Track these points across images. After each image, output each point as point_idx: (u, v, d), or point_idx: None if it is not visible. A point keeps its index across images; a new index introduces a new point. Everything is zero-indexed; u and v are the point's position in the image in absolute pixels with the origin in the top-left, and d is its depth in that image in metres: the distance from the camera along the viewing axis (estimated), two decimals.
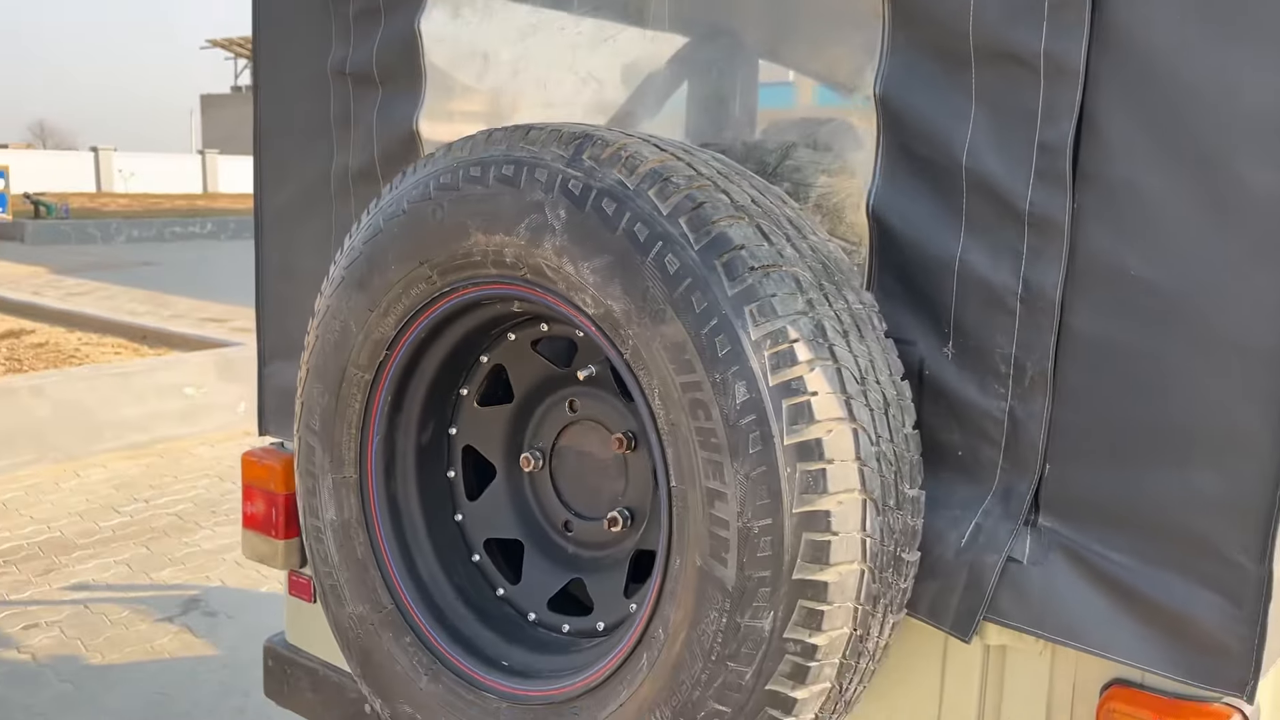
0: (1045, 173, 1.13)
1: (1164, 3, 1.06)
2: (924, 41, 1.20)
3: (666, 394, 1.08)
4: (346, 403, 1.38)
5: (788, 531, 1.03)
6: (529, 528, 1.42)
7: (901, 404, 1.14)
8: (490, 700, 1.27)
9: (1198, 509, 1.08)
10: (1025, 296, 1.16)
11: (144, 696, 3.26)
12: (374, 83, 1.75)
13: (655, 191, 1.09)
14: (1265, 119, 1.01)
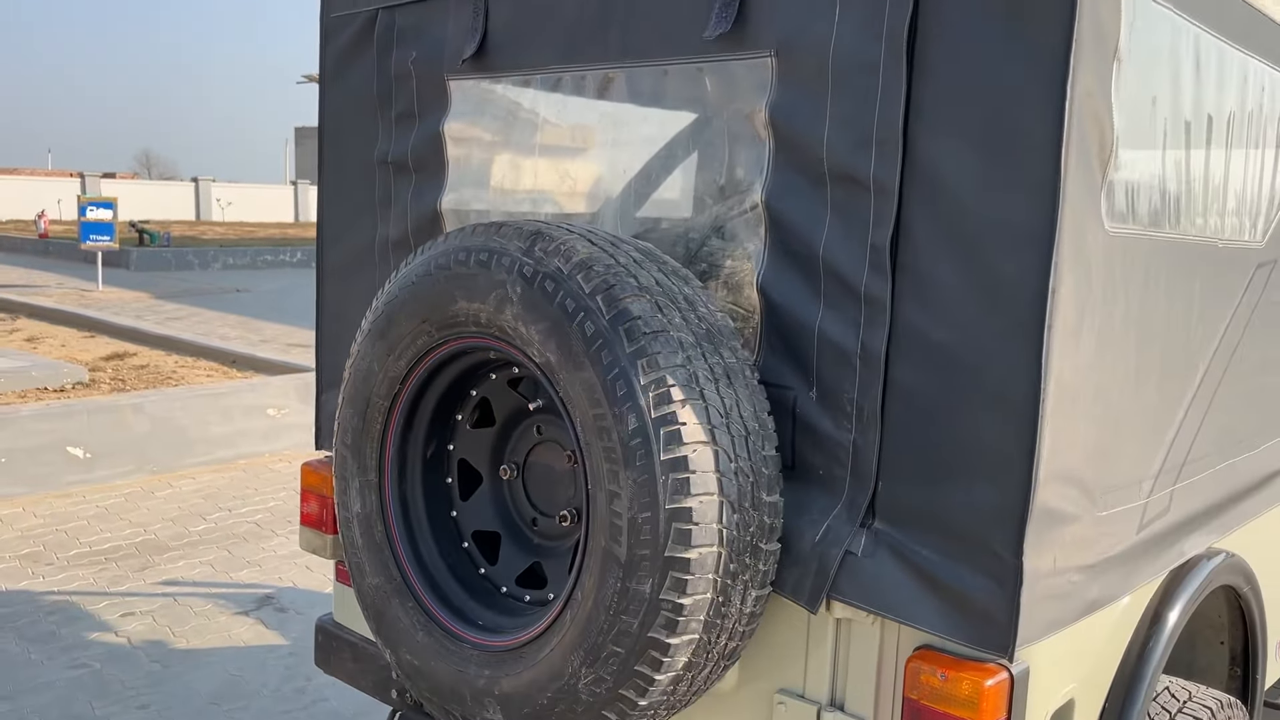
0: (875, 264, 1.53)
1: (948, 145, 1.45)
2: (794, 165, 1.61)
3: (585, 422, 1.50)
4: (371, 424, 1.82)
5: (661, 521, 1.43)
6: (505, 522, 1.85)
7: (763, 433, 1.54)
8: (466, 648, 1.69)
9: (976, 516, 1.46)
10: (862, 355, 1.55)
11: (221, 677, 3.75)
12: (409, 171, 2.21)
13: (582, 276, 1.51)
14: (1011, 228, 1.40)
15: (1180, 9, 1.59)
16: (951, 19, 1.44)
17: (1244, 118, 1.90)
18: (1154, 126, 1.63)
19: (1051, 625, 1.50)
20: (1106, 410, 1.56)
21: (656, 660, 1.47)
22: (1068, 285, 1.40)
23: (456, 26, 2.07)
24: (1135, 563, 1.71)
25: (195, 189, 37.49)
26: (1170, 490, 1.80)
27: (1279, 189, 2.07)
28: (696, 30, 1.68)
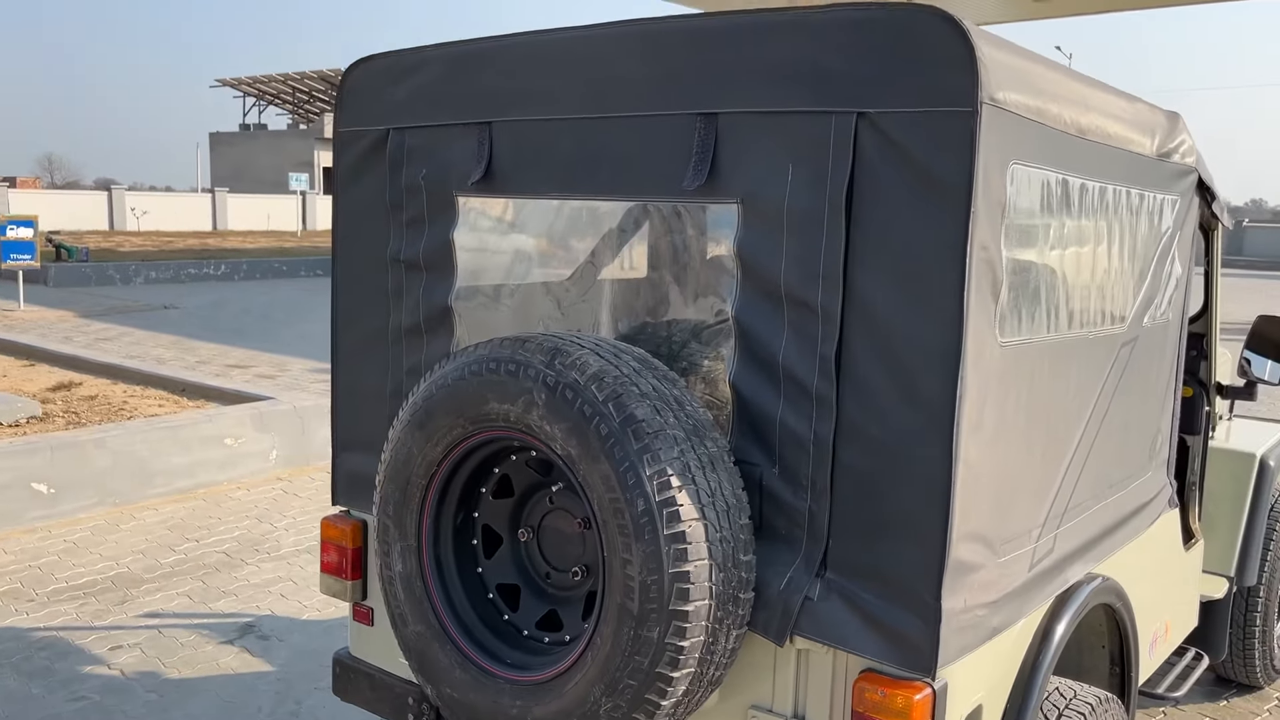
0: (823, 371, 1.95)
1: (878, 282, 1.88)
2: (758, 289, 2.02)
3: (601, 503, 1.89)
4: (410, 498, 2.19)
5: (666, 582, 1.84)
6: (524, 576, 2.24)
7: (739, 506, 1.95)
8: (500, 683, 2.07)
9: (905, 568, 1.89)
10: (815, 441, 1.97)
11: (216, 704, 4.04)
12: (420, 269, 2.58)
13: (595, 386, 1.91)
14: (927, 348, 1.83)
15: (1048, 166, 2.04)
16: (880, 185, 1.87)
17: (1107, 231, 2.37)
18: (1035, 256, 2.09)
19: (963, 650, 1.94)
20: (1003, 479, 2.01)
21: (662, 690, 1.87)
22: (971, 390, 1.84)
23: (463, 152, 2.44)
24: (1028, 594, 2.17)
25: (109, 197, 36.65)
26: (1055, 533, 2.27)
27: (1133, 282, 2.56)
28: (676, 177, 2.09)
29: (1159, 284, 2.71)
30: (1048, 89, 2.01)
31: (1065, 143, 2.09)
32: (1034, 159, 1.98)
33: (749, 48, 2.00)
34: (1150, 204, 2.60)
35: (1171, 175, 2.72)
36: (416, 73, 2.53)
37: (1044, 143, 2.00)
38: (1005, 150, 1.86)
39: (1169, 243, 2.76)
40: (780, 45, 1.96)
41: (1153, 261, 2.66)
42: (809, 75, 1.93)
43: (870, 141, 1.87)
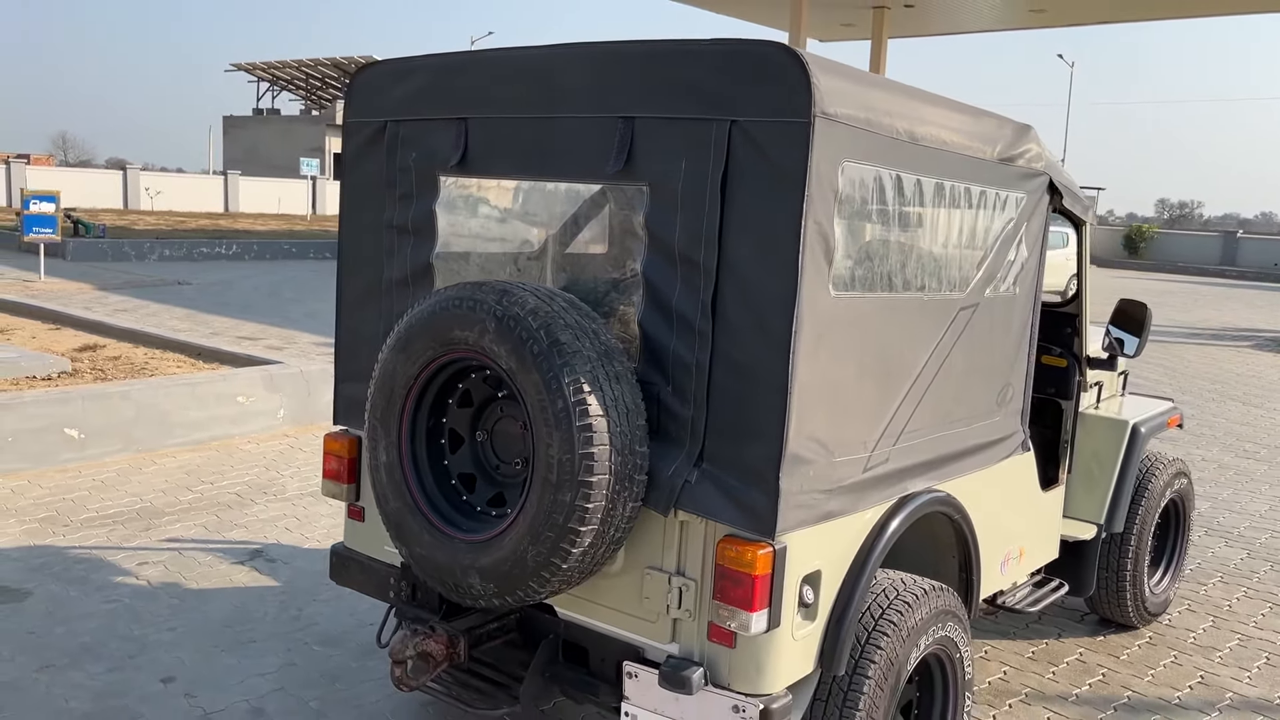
0: (703, 313, 2.61)
1: (742, 246, 2.53)
2: (659, 252, 2.68)
3: (532, 403, 2.55)
4: (393, 405, 2.85)
5: (576, 460, 2.50)
6: (479, 468, 2.90)
7: (638, 411, 2.61)
8: (457, 543, 2.74)
9: (757, 459, 2.55)
10: (696, 366, 2.63)
11: (229, 608, 4.72)
12: (409, 233, 3.24)
13: (531, 318, 2.57)
14: (773, 296, 2.49)
15: (880, 164, 2.70)
16: (745, 175, 2.53)
17: (945, 217, 3.03)
18: (871, 232, 2.75)
19: (800, 524, 2.60)
20: (835, 398, 2.67)
21: (572, 540, 2.54)
22: (805, 328, 2.50)
23: (444, 141, 3.11)
24: (863, 492, 2.83)
25: (124, 177, 37.38)
26: (891, 448, 2.93)
27: (974, 259, 3.22)
28: (603, 165, 2.75)
29: (1001, 263, 3.36)
30: (880, 106, 2.66)
31: (898, 147, 2.75)
32: (866, 159, 2.64)
33: (657, 69, 2.67)
34: (991, 198, 3.25)
35: (1016, 176, 3.38)
36: (410, 77, 3.20)
37: (876, 146, 2.66)
38: (837, 151, 2.52)
39: (1013, 231, 3.41)
40: (679, 68, 2.63)
41: (995, 245, 3.32)
42: (698, 91, 2.59)
43: (739, 142, 2.53)
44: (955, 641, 3.19)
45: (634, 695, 2.76)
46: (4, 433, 6.37)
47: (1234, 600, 5.52)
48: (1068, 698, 4.32)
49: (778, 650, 2.63)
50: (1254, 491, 7.77)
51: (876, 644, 2.89)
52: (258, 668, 4.16)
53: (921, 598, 3.03)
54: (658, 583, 2.73)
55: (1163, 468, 4.89)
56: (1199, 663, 4.74)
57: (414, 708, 3.92)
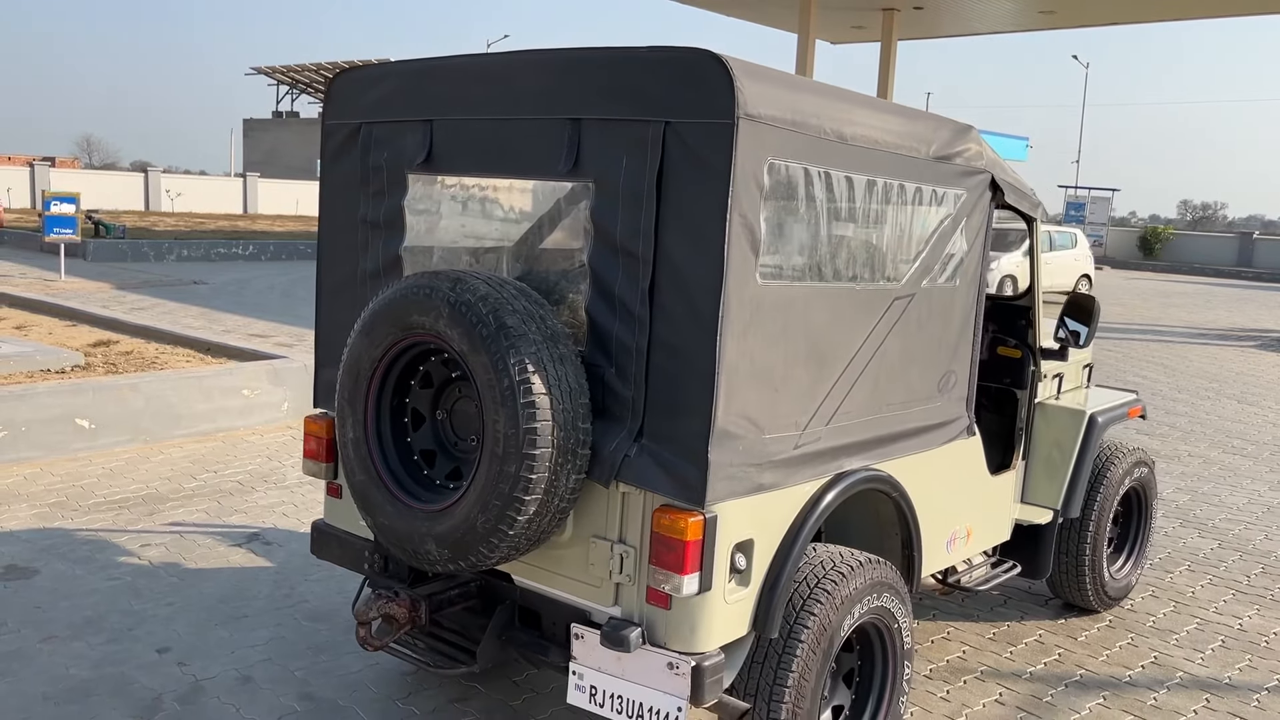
0: (642, 300, 2.82)
1: (675, 238, 2.74)
2: (603, 243, 2.89)
3: (482, 383, 2.77)
4: (359, 385, 3.08)
5: (521, 435, 2.71)
6: (439, 444, 3.12)
7: (580, 390, 2.82)
8: (416, 512, 2.96)
9: (689, 435, 2.76)
10: (636, 349, 2.84)
11: (225, 587, 4.97)
12: (381, 228, 3.47)
13: (481, 304, 2.79)
14: (702, 283, 2.69)
15: (807, 162, 2.90)
16: (678, 171, 2.74)
17: (877, 212, 3.23)
18: (798, 226, 2.95)
19: (730, 494, 2.81)
20: (767, 380, 2.87)
21: (517, 509, 2.76)
22: (732, 312, 2.71)
23: (413, 141, 3.34)
24: (795, 467, 3.03)
25: (144, 179, 37.94)
26: (824, 427, 3.13)
27: (910, 252, 3.42)
28: (554, 163, 2.97)
29: (938, 256, 3.55)
30: (807, 108, 2.87)
31: (825, 146, 2.95)
32: (791, 157, 2.84)
33: (602, 74, 2.88)
34: (927, 194, 3.45)
35: (955, 174, 3.57)
36: (382, 82, 3.43)
37: (802, 145, 2.86)
38: (762, 149, 2.73)
39: (951, 225, 3.60)
40: (621, 74, 2.84)
41: (932, 238, 3.51)
42: (637, 95, 2.80)
43: (673, 142, 2.74)
44: (892, 612, 3.39)
45: (580, 655, 2.98)
46: (18, 423, 6.65)
47: (1198, 587, 5.68)
48: (1021, 675, 4.50)
49: (710, 612, 2.84)
50: (1234, 485, 7.91)
51: (811, 610, 3.09)
52: (248, 640, 4.40)
53: (857, 569, 3.23)
54: (601, 550, 2.94)
55: (1122, 456, 5.06)
56: (1154, 644, 4.90)
57: (393, 677, 4.15)
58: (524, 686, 4.13)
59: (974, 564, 4.47)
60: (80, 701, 3.83)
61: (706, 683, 2.81)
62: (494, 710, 3.94)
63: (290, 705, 3.89)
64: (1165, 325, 19.46)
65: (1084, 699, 4.31)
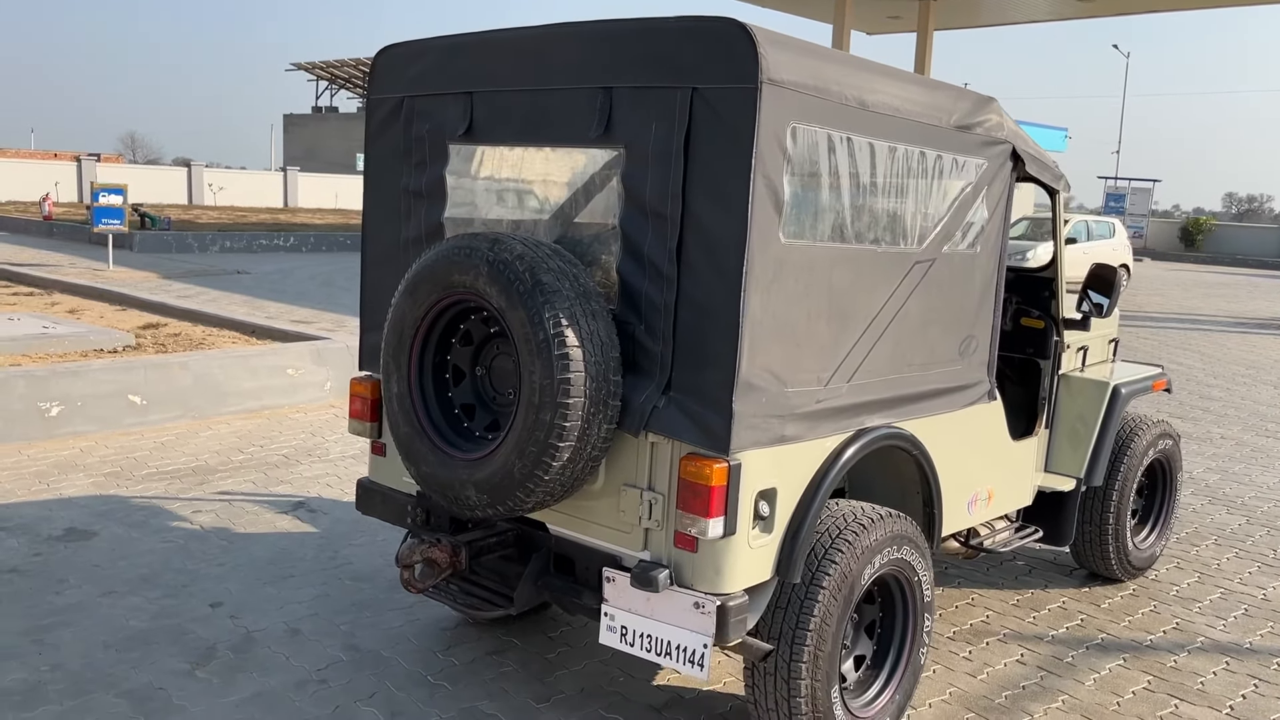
0: (670, 259, 2.96)
1: (702, 199, 2.88)
2: (634, 206, 3.04)
3: (518, 336, 2.93)
4: (403, 342, 3.25)
5: (555, 385, 2.87)
6: (479, 399, 3.29)
7: (612, 345, 2.97)
8: (457, 461, 3.13)
9: (715, 387, 2.90)
10: (664, 306, 2.99)
11: (273, 550, 5.18)
12: (423, 197, 3.64)
13: (518, 262, 2.95)
14: (728, 241, 2.84)
15: (829, 127, 3.03)
16: (705, 135, 2.88)
17: (898, 178, 3.35)
18: (820, 188, 3.08)
19: (754, 444, 2.95)
20: (789, 336, 3.01)
21: (553, 455, 2.92)
22: (756, 269, 2.85)
23: (454, 113, 3.50)
24: (817, 421, 3.17)
25: (188, 174, 38.60)
26: (844, 384, 3.26)
27: (931, 217, 3.53)
28: (586, 131, 3.13)
29: (959, 223, 3.67)
30: (829, 75, 3.00)
31: (847, 112, 3.08)
32: (814, 122, 2.97)
33: (631, 44, 3.03)
34: (947, 163, 3.56)
35: (976, 144, 3.68)
36: (423, 57, 3.60)
37: (824, 111, 3.00)
38: (785, 114, 2.87)
39: (972, 194, 3.72)
40: (649, 43, 2.99)
41: (952, 205, 3.63)
42: (665, 63, 2.95)
43: (700, 107, 2.89)
44: (912, 565, 3.52)
45: (611, 597, 3.14)
46: (74, 398, 6.92)
47: (1224, 560, 5.74)
48: (1043, 638, 4.61)
49: (735, 555, 2.99)
50: (1266, 466, 7.92)
51: (832, 559, 3.23)
52: (296, 597, 4.61)
53: (878, 521, 3.36)
54: (632, 497, 3.09)
55: (1146, 428, 5.14)
56: (1177, 611, 4.98)
57: (433, 631, 4.33)
58: (559, 641, 4.30)
59: (997, 528, 4.57)
60: (139, 649, 4.05)
61: (731, 622, 2.96)
62: (529, 662, 4.11)
63: (336, 655, 4.08)
64: (1205, 314, 19.29)
65: (1104, 660, 4.40)
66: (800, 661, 3.17)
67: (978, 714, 3.90)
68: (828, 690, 3.24)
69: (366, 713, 3.67)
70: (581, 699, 3.85)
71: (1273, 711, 4.03)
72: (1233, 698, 4.13)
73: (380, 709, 3.70)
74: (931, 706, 3.93)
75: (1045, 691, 4.10)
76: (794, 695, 3.19)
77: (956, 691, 4.06)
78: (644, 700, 3.87)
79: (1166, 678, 4.27)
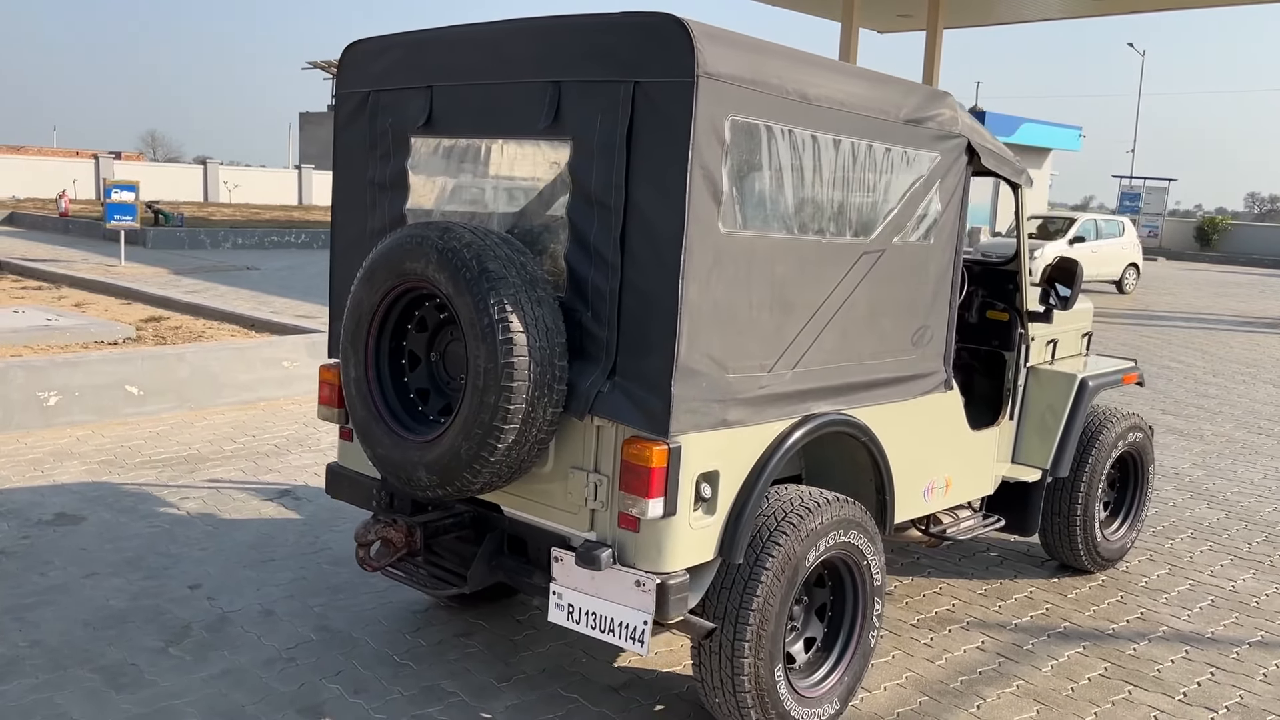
0: (614, 248, 3.05)
1: (643, 190, 2.97)
2: (580, 196, 3.14)
3: (465, 323, 3.03)
4: (360, 328, 3.36)
5: (499, 368, 2.97)
6: (433, 383, 3.39)
7: (557, 330, 3.06)
8: (409, 443, 3.23)
9: (655, 372, 2.99)
10: (609, 293, 3.08)
11: (256, 535, 5.30)
12: (387, 189, 3.75)
13: (466, 250, 3.05)
14: (667, 230, 2.92)
15: (769, 119, 3.11)
16: (646, 128, 2.97)
17: (838, 172, 3.43)
18: (762, 179, 3.17)
19: (695, 427, 3.04)
20: (731, 323, 3.09)
21: (497, 436, 3.02)
22: (694, 257, 2.93)
23: (415, 106, 3.60)
24: (759, 407, 3.25)
25: (204, 171, 38.98)
26: (789, 371, 3.34)
27: (880, 209, 3.61)
28: (536, 123, 3.22)
29: (910, 215, 3.74)
30: (769, 70, 3.08)
31: (788, 106, 3.16)
32: (753, 114, 3.06)
33: (579, 39, 3.12)
34: (897, 156, 3.64)
35: (927, 137, 3.76)
36: (387, 52, 3.70)
37: (764, 104, 3.08)
38: (722, 107, 2.95)
39: (924, 186, 3.79)
40: (595, 38, 3.08)
41: (903, 198, 3.70)
42: (610, 57, 3.04)
43: (641, 100, 2.98)
44: (861, 549, 3.59)
45: (559, 576, 3.23)
46: (72, 388, 7.07)
47: (1197, 553, 5.78)
48: (1006, 626, 4.67)
49: (676, 535, 3.08)
50: (1253, 462, 7.94)
51: (776, 541, 3.31)
52: (273, 580, 4.72)
53: (824, 505, 3.44)
54: (578, 480, 3.19)
55: (1116, 421, 5.19)
56: (1143, 602, 5.04)
57: (403, 614, 4.44)
58: (526, 624, 4.40)
59: (961, 516, 4.64)
60: (116, 627, 4.18)
61: (671, 600, 3.05)
62: (495, 644, 4.21)
63: (307, 635, 4.19)
64: (1212, 314, 19.22)
65: (1064, 648, 4.47)
66: (743, 641, 3.26)
67: (931, 698, 3.97)
68: (771, 669, 3.33)
69: (331, 689, 3.78)
70: (543, 679, 3.95)
71: (1226, 699, 4.09)
72: (1187, 685, 4.18)
73: (344, 686, 3.80)
74: (886, 690, 4.01)
75: (1001, 677, 4.17)
76: (737, 674, 3.28)
77: (913, 676, 4.13)
78: (603, 681, 3.96)
79: (1124, 665, 4.33)
